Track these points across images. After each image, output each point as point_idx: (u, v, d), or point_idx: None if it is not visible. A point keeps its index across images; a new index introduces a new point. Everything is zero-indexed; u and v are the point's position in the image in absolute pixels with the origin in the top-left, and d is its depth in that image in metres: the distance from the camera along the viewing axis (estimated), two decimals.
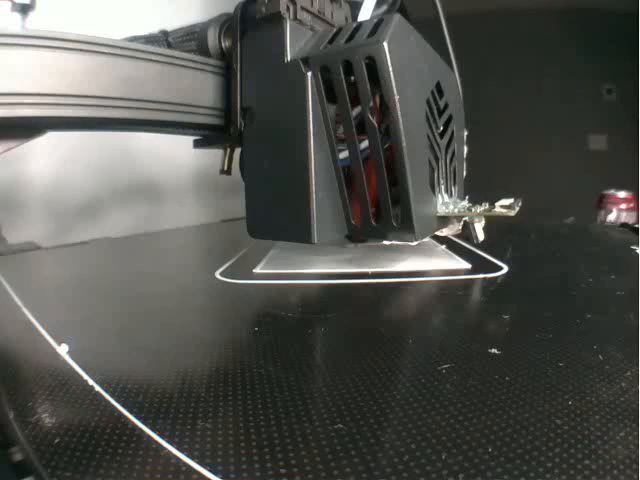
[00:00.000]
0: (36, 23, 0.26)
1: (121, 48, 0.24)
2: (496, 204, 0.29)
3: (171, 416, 0.15)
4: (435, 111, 0.28)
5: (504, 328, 0.23)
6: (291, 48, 0.25)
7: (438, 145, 0.28)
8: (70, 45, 0.22)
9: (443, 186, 0.29)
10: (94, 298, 0.31)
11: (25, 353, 0.22)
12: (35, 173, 0.69)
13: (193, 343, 0.23)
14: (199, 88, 0.28)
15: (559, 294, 0.29)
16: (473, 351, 0.20)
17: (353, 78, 0.24)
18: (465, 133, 0.35)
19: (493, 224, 0.31)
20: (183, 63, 0.27)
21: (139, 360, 0.21)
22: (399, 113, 0.23)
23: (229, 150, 0.33)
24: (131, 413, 0.16)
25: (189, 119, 0.27)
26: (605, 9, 1.67)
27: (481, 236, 0.31)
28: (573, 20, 1.75)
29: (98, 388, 0.17)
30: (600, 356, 0.19)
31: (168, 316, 0.28)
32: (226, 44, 0.29)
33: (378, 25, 0.23)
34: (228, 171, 0.34)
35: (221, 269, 0.36)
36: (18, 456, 0.14)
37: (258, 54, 0.27)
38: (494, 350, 0.20)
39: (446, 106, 0.29)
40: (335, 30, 0.25)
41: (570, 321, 0.24)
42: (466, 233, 0.32)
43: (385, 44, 0.22)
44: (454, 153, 0.31)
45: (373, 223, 0.26)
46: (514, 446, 0.13)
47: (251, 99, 0.27)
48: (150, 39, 0.32)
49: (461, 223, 0.31)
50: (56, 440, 0.14)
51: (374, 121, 0.24)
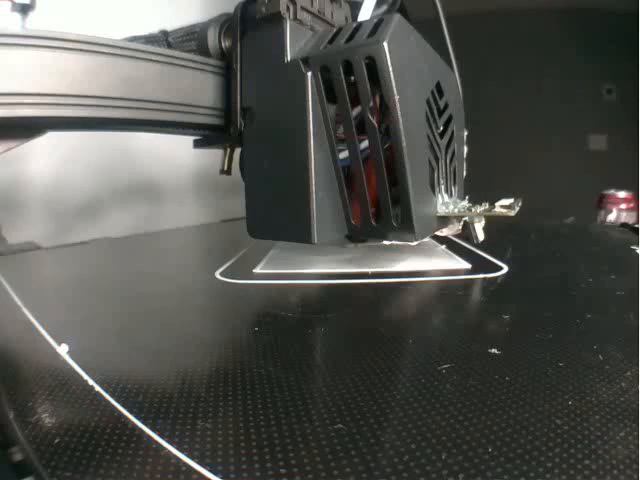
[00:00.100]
0: (36, 23, 0.26)
1: (121, 48, 0.24)
2: (496, 204, 0.29)
3: (171, 416, 0.15)
4: (435, 111, 0.28)
5: (504, 328, 0.23)
6: (291, 48, 0.25)
7: (438, 145, 0.28)
8: (70, 45, 0.22)
9: (443, 186, 0.29)
10: (94, 298, 0.31)
11: (25, 353, 0.22)
12: (35, 173, 0.69)
13: (193, 343, 0.23)
14: (199, 88, 0.28)
15: (559, 294, 0.29)
16: (473, 351, 0.20)
17: (353, 78, 0.24)
18: (465, 133, 0.35)
19: (493, 224, 0.31)
20: (183, 63, 0.27)
21: (139, 360, 0.21)
22: (399, 113, 0.23)
23: (229, 150, 0.33)
24: (131, 413, 0.16)
25: (189, 119, 0.27)
26: (605, 9, 1.67)
27: (481, 236, 0.31)
28: (573, 20, 1.75)
29: (98, 388, 0.17)
30: (600, 356, 0.19)
31: (168, 316, 0.28)
32: (226, 44, 0.29)
33: (378, 25, 0.23)
34: (228, 171, 0.34)
35: (221, 269, 0.36)
36: (18, 456, 0.14)
37: (258, 54, 0.27)
38: (494, 350, 0.20)
39: (446, 106, 0.29)
40: (335, 30, 0.25)
41: (570, 321, 0.24)
42: (466, 233, 0.32)
43: (385, 44, 0.22)
44: (454, 153, 0.31)
45: (373, 223, 0.26)
46: (514, 446, 0.13)
47: (251, 99, 0.27)
48: (150, 39, 0.32)
49: (461, 223, 0.31)
50: (56, 440, 0.14)
51: (374, 121, 0.24)
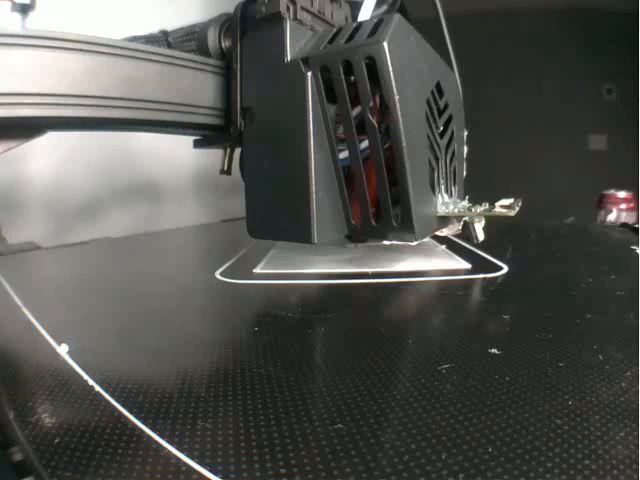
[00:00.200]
0: (36, 23, 0.26)
1: (121, 48, 0.24)
2: (496, 204, 0.29)
3: (171, 416, 0.15)
4: (435, 111, 0.28)
5: (504, 328, 0.23)
6: (291, 48, 0.25)
7: (438, 145, 0.28)
8: (70, 45, 0.22)
9: (443, 186, 0.29)
10: (94, 298, 0.31)
11: (25, 353, 0.22)
12: (35, 173, 0.69)
13: (193, 343, 0.23)
14: (199, 88, 0.28)
15: (559, 294, 0.29)
16: (473, 351, 0.20)
17: (353, 78, 0.24)
18: (465, 133, 0.35)
19: (493, 224, 0.31)
20: (183, 63, 0.27)
21: (139, 360, 0.21)
22: (399, 113, 0.23)
23: (229, 150, 0.33)
24: (131, 413, 0.16)
25: (189, 119, 0.27)
26: (605, 9, 1.67)
27: (481, 236, 0.31)
28: (573, 20, 1.75)
29: (98, 388, 0.17)
30: (600, 356, 0.19)
31: (168, 316, 0.28)
32: (226, 44, 0.29)
33: (378, 25, 0.23)
34: (228, 171, 0.34)
35: (221, 269, 0.36)
36: (18, 456, 0.14)
37: (258, 54, 0.27)
38: (494, 350, 0.20)
39: (446, 106, 0.29)
40: (335, 30, 0.25)
41: (570, 321, 0.24)
42: (466, 233, 0.32)
43: (385, 44, 0.22)
44: (454, 153, 0.31)
45: (373, 223, 0.26)
46: (514, 446, 0.13)
47: (251, 99, 0.27)
48: (150, 39, 0.32)
49: (461, 223, 0.31)
50: (56, 440, 0.14)
51: (374, 121, 0.24)
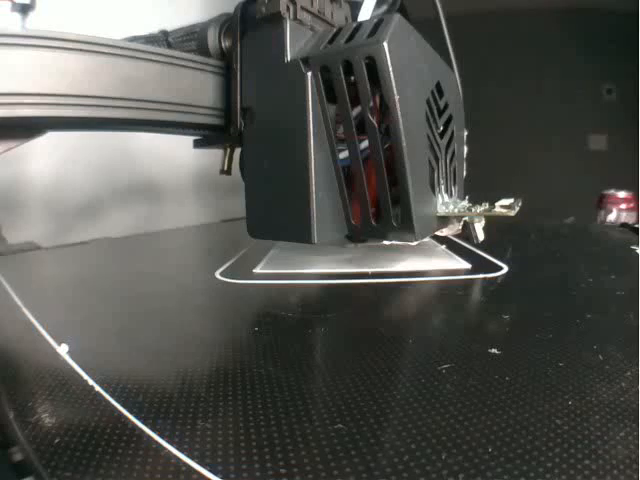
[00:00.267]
0: (36, 23, 0.26)
1: (121, 48, 0.24)
2: (496, 204, 0.29)
3: (171, 416, 0.15)
4: (435, 111, 0.28)
5: (504, 328, 0.23)
6: (291, 48, 0.25)
7: (438, 145, 0.28)
8: (70, 45, 0.22)
9: (443, 186, 0.29)
10: (94, 298, 0.31)
11: (25, 353, 0.22)
12: (35, 173, 0.69)
13: (193, 343, 0.23)
14: (199, 88, 0.28)
15: (559, 294, 0.29)
16: (473, 351, 0.20)
17: (353, 78, 0.24)
18: (465, 133, 0.35)
19: (493, 224, 0.31)
20: (183, 63, 0.27)
21: (139, 360, 0.21)
22: (399, 113, 0.23)
23: (229, 150, 0.33)
24: (131, 413, 0.16)
25: (189, 119, 0.27)
26: (605, 9, 1.67)
27: (481, 236, 0.31)
28: (573, 20, 1.75)
29: (98, 388, 0.17)
30: (600, 356, 0.19)
31: (168, 316, 0.28)
32: (226, 44, 0.29)
33: (378, 25, 0.23)
34: (228, 171, 0.34)
35: (221, 269, 0.36)
36: (18, 456, 0.14)
37: (258, 54, 0.27)
38: (494, 350, 0.20)
39: (446, 106, 0.29)
40: (335, 30, 0.25)
41: (570, 321, 0.24)
42: (466, 233, 0.32)
43: (385, 44, 0.22)
44: (454, 153, 0.31)
45: (373, 223, 0.26)
46: (514, 446, 0.13)
47: (251, 99, 0.27)
48: (150, 39, 0.32)
49: (461, 223, 0.31)
50: (56, 440, 0.14)
51: (374, 121, 0.24)
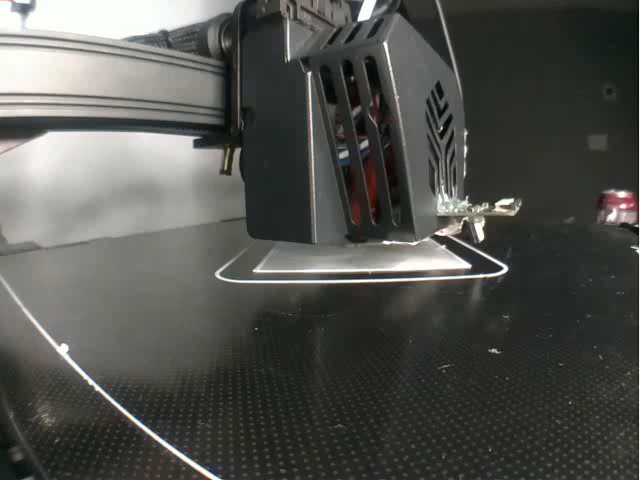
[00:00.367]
0: (36, 23, 0.26)
1: (121, 48, 0.24)
2: (496, 204, 0.29)
3: (171, 416, 0.15)
4: (435, 111, 0.28)
5: (504, 328, 0.23)
6: (291, 48, 0.25)
7: (438, 145, 0.28)
8: (70, 45, 0.22)
9: (443, 186, 0.29)
10: (94, 298, 0.31)
11: (25, 353, 0.22)
12: (35, 173, 0.69)
13: (193, 343, 0.23)
14: (199, 88, 0.28)
15: (559, 294, 0.29)
16: (473, 351, 0.20)
17: (353, 78, 0.24)
18: (465, 133, 0.35)
19: (493, 224, 0.31)
20: (183, 63, 0.27)
21: (139, 360, 0.21)
22: (399, 113, 0.23)
23: (229, 150, 0.33)
24: (131, 413, 0.16)
25: (189, 119, 0.27)
26: (605, 9, 1.67)
27: (481, 236, 0.31)
28: (573, 20, 1.75)
29: (98, 388, 0.17)
30: (600, 356, 0.19)
31: (168, 316, 0.28)
32: (226, 44, 0.29)
33: (378, 25, 0.23)
34: (228, 171, 0.34)
35: (221, 269, 0.36)
36: (18, 456, 0.14)
37: (258, 54, 0.27)
38: (494, 350, 0.20)
39: (446, 106, 0.29)
40: (335, 30, 0.25)
41: (570, 321, 0.24)
42: (466, 233, 0.32)
43: (385, 44, 0.22)
44: (454, 153, 0.31)
45: (373, 223, 0.26)
46: (514, 446, 0.13)
47: (251, 99, 0.27)
48: (150, 39, 0.32)
49: (461, 223, 0.31)
50: (56, 440, 0.14)
51: (374, 121, 0.24)
